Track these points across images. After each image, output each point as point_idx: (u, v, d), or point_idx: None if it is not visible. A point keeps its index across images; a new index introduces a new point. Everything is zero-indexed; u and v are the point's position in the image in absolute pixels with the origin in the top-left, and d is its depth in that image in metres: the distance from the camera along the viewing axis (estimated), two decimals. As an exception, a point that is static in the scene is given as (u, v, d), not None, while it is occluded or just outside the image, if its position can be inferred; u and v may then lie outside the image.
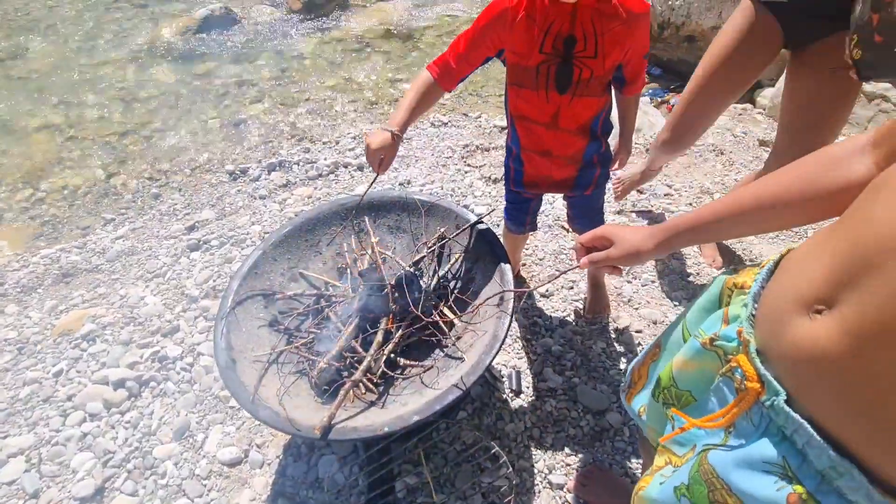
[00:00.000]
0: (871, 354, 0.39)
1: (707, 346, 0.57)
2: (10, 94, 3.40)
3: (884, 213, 0.40)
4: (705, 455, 0.54)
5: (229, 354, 1.01)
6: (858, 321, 0.40)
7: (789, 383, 0.46)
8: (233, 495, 1.26)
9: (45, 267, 2.12)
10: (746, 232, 0.65)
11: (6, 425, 1.48)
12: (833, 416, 0.43)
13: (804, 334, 0.44)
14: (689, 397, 0.62)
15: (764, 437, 0.48)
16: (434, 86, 1.12)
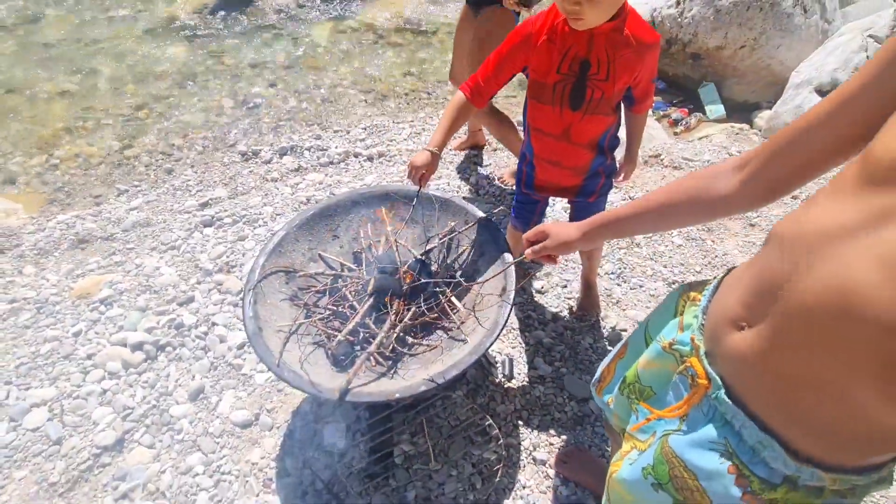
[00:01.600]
0: (776, 361, 0.52)
1: (666, 349, 0.69)
2: (25, 59, 3.43)
3: (778, 261, 0.53)
4: (666, 439, 0.66)
5: (256, 323, 1.12)
6: (766, 337, 0.53)
7: (729, 380, 0.59)
8: (243, 453, 1.37)
9: (60, 232, 2.19)
10: (652, 229, 0.81)
11: (28, 378, 1.58)
12: (759, 403, 0.56)
13: (734, 344, 0.57)
14: (650, 392, 0.75)
15: (710, 423, 0.61)
16: (467, 104, 1.24)
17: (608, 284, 1.86)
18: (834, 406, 0.48)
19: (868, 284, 0.43)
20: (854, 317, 0.44)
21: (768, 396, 0.55)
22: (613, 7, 1.01)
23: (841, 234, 0.46)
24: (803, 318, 0.49)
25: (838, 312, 0.45)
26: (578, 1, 0.94)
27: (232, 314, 1.75)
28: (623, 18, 1.08)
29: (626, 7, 1.08)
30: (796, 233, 0.51)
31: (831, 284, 0.46)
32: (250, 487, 1.30)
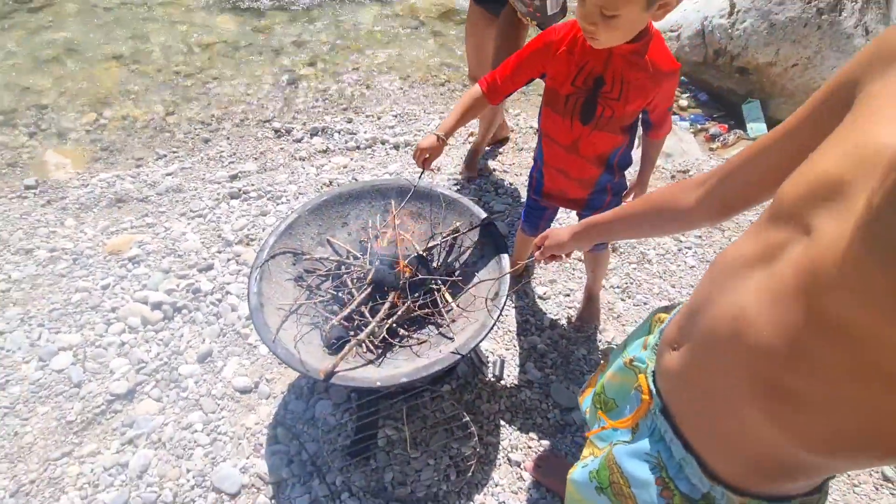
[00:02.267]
0: (692, 381, 0.57)
1: (627, 365, 0.73)
2: (86, 21, 3.62)
3: (703, 287, 0.57)
4: (612, 448, 0.70)
5: (259, 299, 1.20)
6: (686, 358, 0.57)
7: (666, 398, 0.62)
8: (240, 417, 1.47)
9: (101, 189, 2.34)
10: (629, 234, 0.94)
11: (58, 323, 1.72)
12: (684, 422, 0.60)
13: (667, 363, 0.61)
14: (612, 404, 0.78)
15: (648, 437, 0.64)
16: (482, 98, 1.26)
17: (612, 298, 1.86)
18: (734, 427, 0.52)
19: (754, 312, 0.47)
20: (741, 342, 0.48)
21: (690, 416, 0.59)
22: (630, 32, 1.01)
23: (743, 266, 0.50)
24: (707, 342, 0.53)
25: (730, 337, 0.49)
26: (594, 22, 0.95)
27: (245, 285, 1.85)
28: (645, 42, 1.07)
29: (651, 31, 1.07)
30: (719, 262, 0.56)
31: (728, 311, 0.50)
32: (242, 450, 1.40)
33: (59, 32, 3.47)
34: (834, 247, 0.40)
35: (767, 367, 0.46)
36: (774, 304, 0.45)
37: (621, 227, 0.85)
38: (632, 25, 0.98)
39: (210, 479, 1.33)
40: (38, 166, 2.55)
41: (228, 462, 1.36)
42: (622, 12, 0.91)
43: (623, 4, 0.90)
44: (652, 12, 0.93)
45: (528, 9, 1.67)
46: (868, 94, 0.44)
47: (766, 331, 0.45)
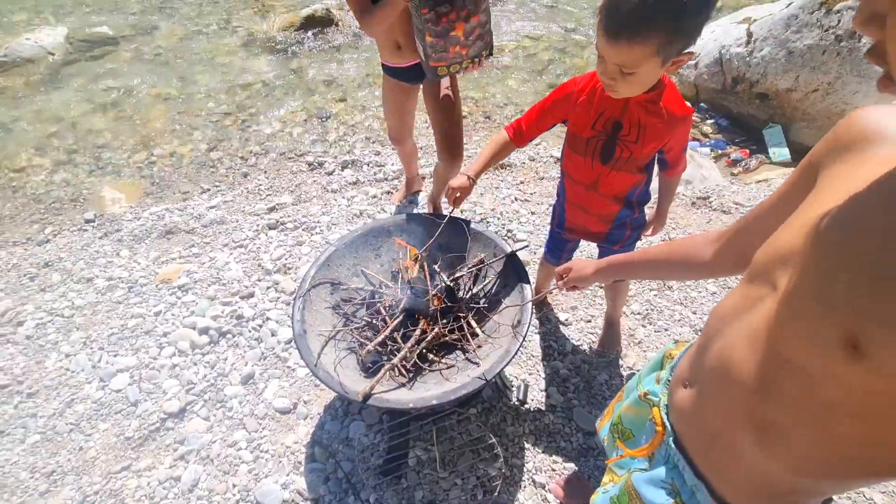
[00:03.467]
0: (699, 415, 0.63)
1: (642, 398, 0.80)
2: (139, 66, 3.96)
3: (705, 333, 0.65)
4: (630, 475, 0.77)
5: (302, 326, 1.31)
6: (694, 395, 0.64)
7: (678, 429, 0.69)
8: (280, 436, 1.58)
9: (152, 222, 2.55)
10: (650, 276, 1.01)
11: (116, 347, 1.88)
12: (694, 451, 0.66)
13: (680, 399, 0.68)
14: (629, 433, 0.85)
15: (664, 465, 0.71)
16: (508, 143, 1.39)
17: (633, 324, 1.91)
18: (736, 456, 0.59)
19: (739, 356, 0.55)
20: (732, 380, 0.56)
21: (700, 446, 0.65)
22: (646, 85, 1.10)
23: (732, 315, 0.59)
24: (711, 381, 0.61)
25: (724, 376, 0.57)
26: (613, 77, 1.05)
27: (284, 312, 1.98)
28: (659, 92, 1.17)
29: (664, 81, 1.17)
30: (716, 312, 0.64)
31: (722, 354, 0.58)
32: (282, 467, 1.50)
33: (116, 77, 3.80)
34: (789, 301, 0.49)
35: (752, 401, 0.53)
36: (752, 348, 0.53)
37: (642, 269, 0.94)
38: (648, 80, 1.07)
39: (254, 494, 1.43)
40: (96, 201, 2.79)
41: (270, 478, 1.46)
42: (639, 70, 1.01)
43: (640, 63, 0.99)
44: (666, 68, 1.03)
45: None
46: (825, 175, 0.53)
47: (746, 370, 0.53)
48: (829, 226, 0.47)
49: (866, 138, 0.51)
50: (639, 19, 0.91)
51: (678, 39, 0.96)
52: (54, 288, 2.17)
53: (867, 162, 0.49)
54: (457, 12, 1.49)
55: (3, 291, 2.18)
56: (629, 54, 0.97)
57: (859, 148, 0.51)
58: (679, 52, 1.00)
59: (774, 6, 3.46)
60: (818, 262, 0.47)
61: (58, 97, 3.60)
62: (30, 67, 3.82)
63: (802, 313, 0.48)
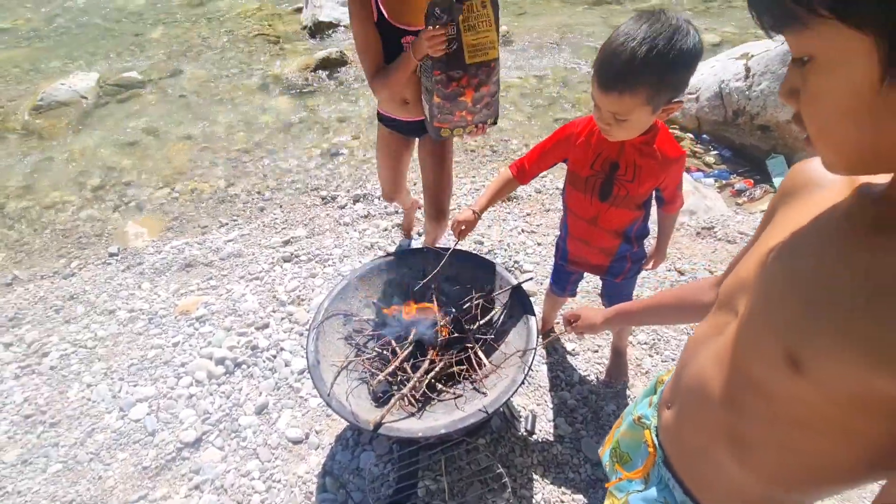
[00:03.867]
0: (680, 434, 0.69)
1: (636, 422, 0.84)
2: (164, 108, 4.19)
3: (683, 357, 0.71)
4: (628, 496, 0.81)
5: (316, 356, 1.37)
6: (675, 415, 0.70)
7: (666, 449, 0.73)
8: (292, 466, 1.60)
9: (172, 256, 2.65)
10: (655, 322, 1.09)
11: (136, 377, 1.95)
12: (681, 469, 0.71)
13: (665, 420, 0.73)
14: (627, 457, 0.89)
15: (656, 485, 0.75)
16: (511, 181, 1.48)
17: (640, 354, 1.93)
18: (715, 470, 0.63)
19: (709, 374, 0.61)
20: (705, 397, 0.61)
21: (685, 463, 0.70)
22: (639, 130, 1.18)
23: (703, 340, 0.65)
24: (687, 399, 0.66)
25: (697, 395, 0.63)
26: (609, 123, 1.13)
27: (297, 342, 2.04)
28: (653, 135, 1.25)
29: (658, 125, 1.25)
30: (692, 337, 0.70)
31: (696, 374, 0.64)
32: (294, 497, 1.52)
33: (142, 118, 4.02)
34: (745, 324, 0.56)
35: (723, 417, 0.59)
36: (719, 368, 0.60)
37: (649, 316, 1.00)
38: (640, 126, 1.16)
39: (266, 524, 1.45)
40: (120, 236, 2.92)
41: (282, 509, 1.48)
42: (632, 117, 1.09)
43: (631, 112, 1.08)
44: (657, 115, 1.11)
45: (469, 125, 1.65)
46: (777, 216, 0.61)
47: (716, 388, 0.60)
48: (773, 258, 0.55)
49: (805, 185, 0.59)
50: (628, 74, 1.00)
51: (665, 91, 1.05)
52: (78, 320, 2.26)
53: (806, 203, 0.57)
54: (468, 79, 1.51)
55: (31, 323, 2.27)
56: (621, 104, 1.06)
57: (800, 193, 0.59)
58: (668, 101, 1.08)
59: (771, 43, 3.58)
60: (766, 288, 0.54)
61: (88, 138, 3.81)
62: (64, 110, 4.07)
63: (755, 335, 0.54)
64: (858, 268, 0.45)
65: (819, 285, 0.48)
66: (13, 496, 1.58)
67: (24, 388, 1.95)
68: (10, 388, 1.95)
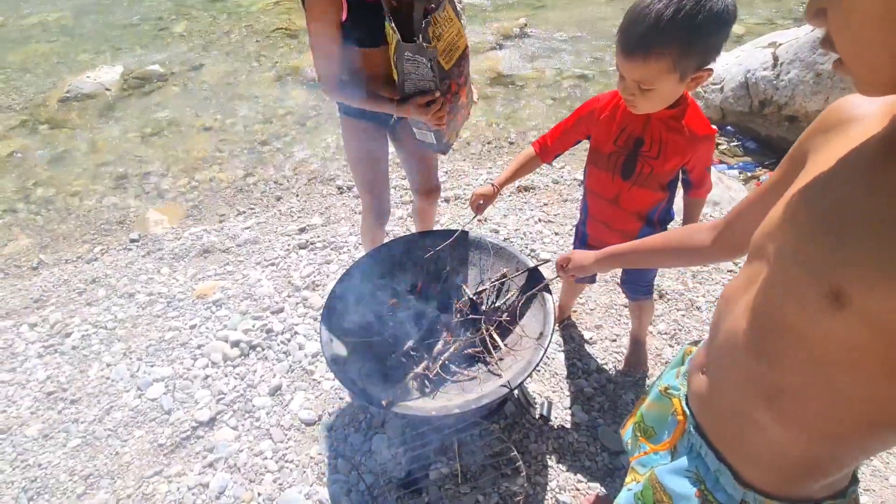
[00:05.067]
0: (716, 397, 0.65)
1: (663, 393, 0.80)
2: (185, 100, 4.25)
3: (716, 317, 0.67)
4: (654, 469, 0.77)
5: (329, 335, 1.36)
6: (710, 378, 0.66)
7: (698, 417, 0.69)
8: (304, 447, 1.60)
9: (191, 242, 2.68)
10: (647, 264, 1.05)
11: (154, 358, 1.97)
12: (715, 435, 0.67)
13: (697, 385, 0.69)
14: (651, 431, 0.85)
15: (687, 454, 0.71)
16: (534, 158, 1.44)
17: (659, 344, 1.87)
18: (753, 433, 0.60)
19: (742, 328, 0.58)
20: (739, 353, 0.58)
21: (719, 429, 0.66)
22: (666, 101, 1.13)
23: (736, 295, 0.61)
24: (722, 360, 0.63)
25: (730, 352, 0.60)
26: (633, 93, 1.09)
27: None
28: (682, 109, 1.19)
29: (688, 99, 1.20)
30: (723, 294, 0.66)
31: (729, 331, 0.61)
32: (306, 478, 1.51)
33: (163, 110, 4.09)
34: (778, 268, 0.53)
35: (758, 371, 0.56)
36: (752, 319, 0.56)
37: (642, 257, 0.99)
38: (667, 95, 1.10)
39: (277, 503, 1.45)
40: (141, 223, 2.97)
41: (294, 488, 1.48)
42: (657, 86, 1.04)
43: (657, 79, 1.03)
44: (685, 84, 1.06)
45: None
46: (812, 156, 0.56)
47: (749, 341, 0.56)
48: (811, 195, 0.52)
49: (838, 122, 0.55)
50: (653, 37, 0.95)
51: (693, 56, 0.99)
52: (99, 302, 2.30)
53: (840, 140, 0.53)
54: (455, 82, 1.42)
55: (55, 305, 2.32)
56: (645, 70, 1.01)
57: (834, 130, 0.55)
58: (696, 68, 1.03)
59: (800, 30, 3.46)
60: (799, 228, 0.52)
61: (112, 128, 3.89)
62: (89, 102, 4.16)
63: (789, 277, 0.52)
64: (891, 182, 0.43)
65: (856, 215, 0.46)
66: (34, 468, 1.61)
67: (46, 367, 1.99)
68: (34, 366, 1.99)
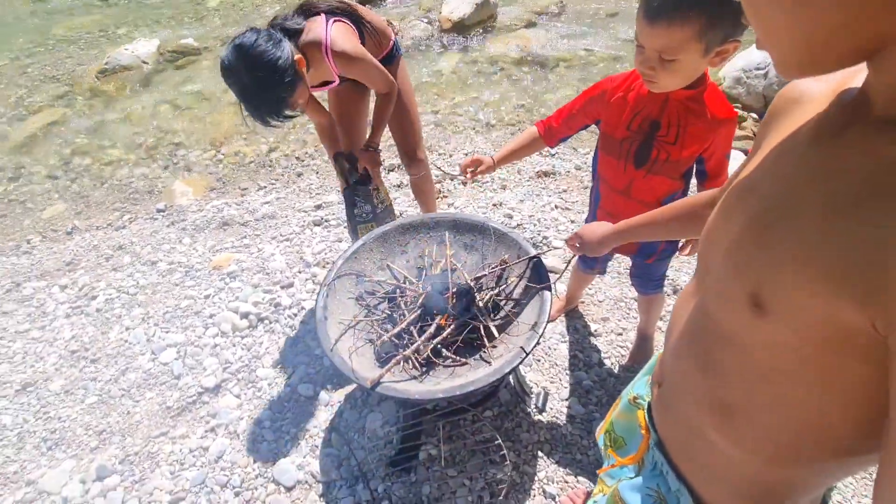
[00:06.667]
0: (673, 413, 0.61)
1: (632, 402, 0.76)
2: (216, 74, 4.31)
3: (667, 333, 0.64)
4: (618, 484, 0.74)
5: (324, 312, 1.37)
6: (665, 392, 0.62)
7: (659, 430, 0.66)
8: (302, 419, 1.64)
9: (212, 214, 2.76)
10: (658, 236, 1.00)
11: (169, 324, 2.05)
12: (675, 453, 0.63)
13: (656, 398, 0.66)
14: (622, 441, 0.82)
15: (651, 471, 0.68)
16: (538, 140, 1.38)
17: (668, 340, 1.81)
18: (705, 450, 0.56)
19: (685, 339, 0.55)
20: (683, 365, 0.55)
21: (676, 445, 0.63)
22: (688, 77, 1.05)
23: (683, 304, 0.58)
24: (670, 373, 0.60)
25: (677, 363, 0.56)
26: (653, 67, 1.01)
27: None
28: (701, 90, 1.10)
29: (707, 79, 1.11)
30: (677, 301, 0.63)
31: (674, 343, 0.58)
32: (300, 448, 1.56)
33: (195, 84, 4.18)
34: (712, 275, 0.50)
35: (703, 383, 0.52)
36: (694, 328, 0.53)
37: (656, 229, 0.94)
38: (690, 70, 1.02)
39: (271, 471, 1.50)
40: (167, 194, 3.07)
41: (288, 458, 1.52)
42: (681, 56, 0.96)
43: (682, 49, 0.94)
44: (709, 59, 0.98)
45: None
46: (758, 147, 0.51)
47: (692, 351, 0.52)
48: (735, 194, 0.48)
49: (783, 108, 0.50)
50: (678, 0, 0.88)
51: (722, 23, 0.91)
52: (124, 268, 2.41)
53: (779, 128, 0.48)
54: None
55: (84, 269, 2.45)
56: (669, 37, 0.93)
57: (778, 117, 0.50)
58: (723, 39, 0.94)
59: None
60: (728, 229, 0.48)
61: (146, 100, 4.01)
62: (126, 74, 4.29)
63: (720, 283, 0.48)
64: (815, 181, 0.39)
65: (774, 212, 0.41)
66: (55, 421, 1.72)
67: (72, 327, 2.10)
68: (61, 326, 2.11)
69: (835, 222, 0.36)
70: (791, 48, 0.36)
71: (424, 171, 2.07)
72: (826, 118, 0.42)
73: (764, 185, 0.44)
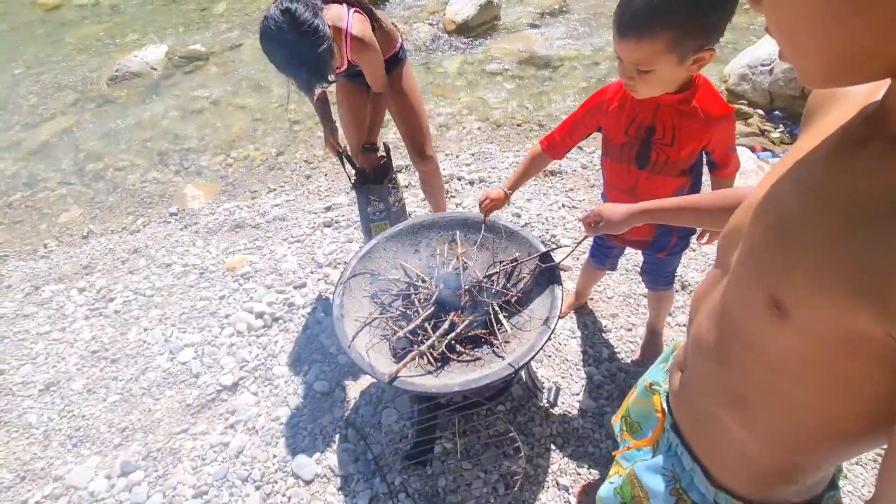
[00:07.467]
0: (690, 399, 0.64)
1: (648, 388, 0.79)
2: (224, 79, 4.38)
3: (689, 322, 0.66)
4: (634, 465, 0.77)
5: (341, 310, 1.41)
6: (685, 379, 0.65)
7: (675, 415, 0.68)
8: (318, 415, 1.68)
9: (224, 217, 2.81)
10: (684, 223, 0.98)
11: (185, 325, 2.10)
12: (690, 435, 0.66)
13: (674, 383, 0.69)
14: (637, 426, 0.85)
15: (665, 452, 0.71)
16: (541, 155, 1.42)
17: (676, 335, 1.83)
18: (721, 435, 0.59)
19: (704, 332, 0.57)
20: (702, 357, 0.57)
21: (693, 429, 0.66)
22: (667, 86, 1.09)
23: (702, 296, 0.60)
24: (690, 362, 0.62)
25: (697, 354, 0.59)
26: (631, 77, 1.05)
27: (331, 303, 2.11)
28: (692, 91, 1.13)
29: (697, 80, 1.14)
30: (695, 294, 0.65)
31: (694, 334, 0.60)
32: (317, 445, 1.59)
33: (204, 89, 4.23)
34: (732, 275, 0.52)
35: (719, 375, 0.55)
36: (712, 323, 0.55)
37: (681, 215, 0.92)
38: (667, 80, 1.06)
39: (290, 465, 1.54)
40: (179, 197, 3.12)
41: (306, 453, 1.56)
42: (655, 67, 0.99)
43: (655, 61, 0.98)
44: (687, 66, 1.01)
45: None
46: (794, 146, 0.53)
47: (710, 345, 0.55)
48: (764, 198, 0.49)
49: (823, 103, 0.50)
50: (646, 15, 0.91)
51: (692, 36, 0.94)
52: (140, 271, 2.46)
53: (806, 136, 0.49)
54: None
55: (101, 272, 2.50)
56: (640, 51, 0.97)
57: (823, 110, 0.50)
58: (697, 49, 0.97)
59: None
60: (751, 231, 0.50)
61: (156, 106, 4.08)
62: (136, 81, 4.36)
63: (739, 284, 0.50)
64: (837, 194, 0.40)
65: (797, 218, 0.43)
66: (78, 419, 1.77)
67: (92, 328, 2.16)
68: (80, 327, 2.17)
69: (852, 235, 0.38)
70: (818, 63, 0.37)
71: (434, 167, 2.13)
72: (848, 131, 0.43)
73: (788, 193, 0.46)
